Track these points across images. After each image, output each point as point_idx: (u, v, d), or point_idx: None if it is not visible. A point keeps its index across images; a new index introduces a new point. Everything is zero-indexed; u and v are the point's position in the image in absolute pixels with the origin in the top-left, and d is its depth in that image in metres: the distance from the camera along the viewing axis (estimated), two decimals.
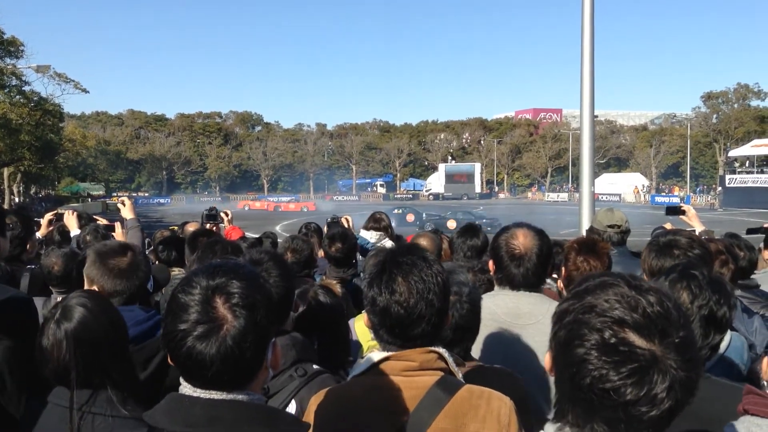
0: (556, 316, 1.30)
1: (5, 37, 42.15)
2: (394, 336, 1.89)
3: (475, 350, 2.61)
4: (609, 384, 1.15)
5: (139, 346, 2.61)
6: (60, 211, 6.18)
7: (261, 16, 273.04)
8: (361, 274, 5.06)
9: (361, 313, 3.60)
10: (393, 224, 6.62)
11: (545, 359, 1.34)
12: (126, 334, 2.31)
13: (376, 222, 6.21)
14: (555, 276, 4.47)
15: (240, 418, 1.49)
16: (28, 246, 4.27)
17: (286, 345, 2.32)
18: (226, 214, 6.58)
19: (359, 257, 5.54)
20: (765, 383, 1.86)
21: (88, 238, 5.35)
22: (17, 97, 45.11)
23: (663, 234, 3.22)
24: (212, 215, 6.25)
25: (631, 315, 1.18)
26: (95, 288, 2.82)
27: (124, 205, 4.87)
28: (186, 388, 1.53)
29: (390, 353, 1.89)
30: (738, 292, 3.97)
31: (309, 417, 1.96)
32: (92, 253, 2.89)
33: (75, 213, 5.77)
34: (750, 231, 6.52)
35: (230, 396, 1.50)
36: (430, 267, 1.91)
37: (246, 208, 62.16)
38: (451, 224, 35.98)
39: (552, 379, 1.34)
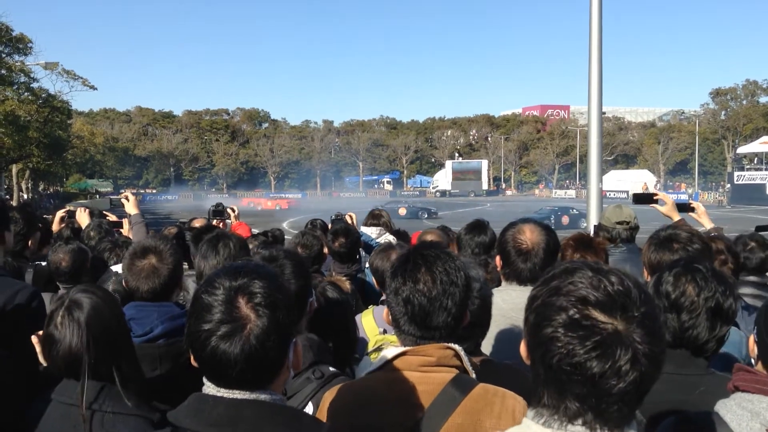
0: (527, 304, 1.36)
1: (14, 34, 42.25)
2: (414, 326, 1.90)
3: (483, 345, 2.60)
4: (576, 358, 1.21)
5: (172, 341, 2.61)
6: (70, 208, 6.19)
7: (268, 13, 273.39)
8: (366, 270, 5.06)
9: (367, 309, 3.61)
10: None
11: (521, 348, 1.38)
12: (128, 329, 2.31)
13: (375, 218, 6.26)
14: None
15: (262, 418, 1.50)
16: (30, 243, 4.28)
17: (304, 346, 2.29)
18: (233, 210, 6.57)
19: (363, 253, 5.54)
20: (753, 361, 1.86)
21: (92, 233, 5.39)
22: (25, 94, 45.23)
23: (663, 228, 3.21)
24: (219, 211, 6.24)
25: (594, 294, 1.24)
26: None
27: (127, 200, 4.86)
28: (209, 388, 1.54)
29: (407, 348, 1.90)
30: (750, 290, 3.95)
31: (322, 412, 1.97)
32: (129, 250, 2.90)
33: (87, 210, 5.80)
34: (759, 228, 6.48)
35: (253, 396, 1.52)
36: (453, 261, 1.95)
37: (259, 207, 61.07)
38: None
39: None
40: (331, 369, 2.35)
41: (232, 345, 1.46)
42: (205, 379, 1.56)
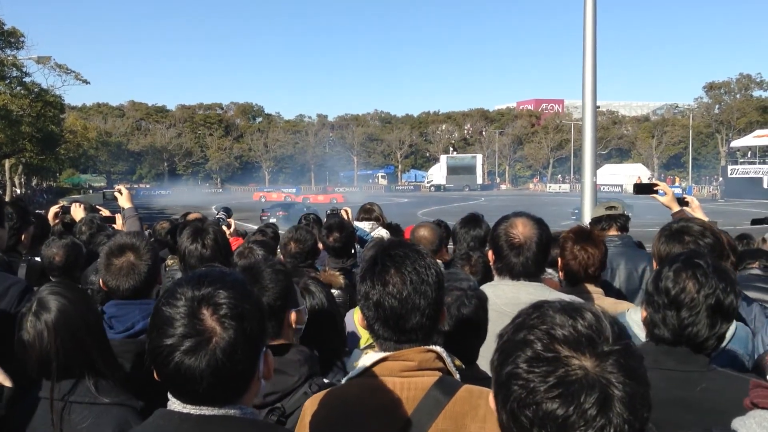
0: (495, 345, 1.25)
1: (5, 28, 41.99)
2: (389, 330, 1.85)
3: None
4: (536, 397, 1.09)
5: None
6: (64, 203, 6.17)
7: (261, 7, 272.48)
8: (360, 265, 5.05)
9: None
10: None
11: (489, 399, 1.25)
12: (101, 321, 2.30)
13: (366, 213, 6.26)
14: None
15: None
16: (23, 237, 4.27)
17: (297, 361, 2.26)
18: (228, 227, 6.41)
19: (359, 248, 5.53)
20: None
21: (83, 228, 5.39)
22: (18, 88, 44.96)
23: (676, 220, 3.18)
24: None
25: (560, 330, 1.14)
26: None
27: (121, 194, 4.83)
28: (175, 404, 1.47)
29: (387, 353, 1.84)
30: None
31: (304, 422, 1.92)
32: (104, 249, 2.86)
33: (82, 205, 5.79)
34: (755, 222, 6.53)
35: (222, 411, 1.45)
36: (423, 259, 1.88)
37: (263, 200, 60.89)
38: None
39: None
40: (326, 380, 2.33)
41: (197, 360, 1.38)
42: (170, 395, 1.48)
